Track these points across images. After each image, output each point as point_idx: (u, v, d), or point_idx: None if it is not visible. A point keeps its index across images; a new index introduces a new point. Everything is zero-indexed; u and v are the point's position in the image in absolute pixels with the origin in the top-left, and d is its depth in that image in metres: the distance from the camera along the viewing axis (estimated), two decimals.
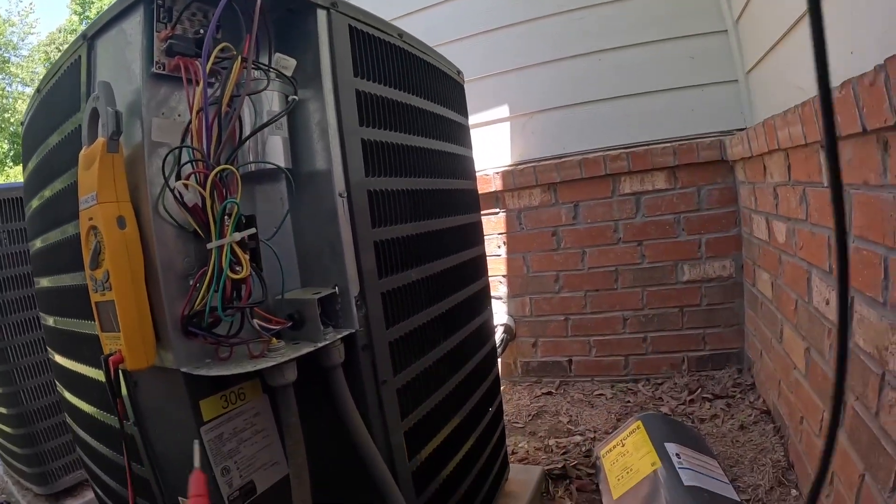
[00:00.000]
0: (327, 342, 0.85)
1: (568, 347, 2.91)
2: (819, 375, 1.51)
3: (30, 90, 18.74)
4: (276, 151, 0.90)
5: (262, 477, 0.93)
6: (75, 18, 20.04)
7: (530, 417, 2.53)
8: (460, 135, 1.52)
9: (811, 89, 1.51)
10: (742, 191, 2.48)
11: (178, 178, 0.76)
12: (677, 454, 1.67)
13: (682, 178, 2.63)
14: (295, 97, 0.88)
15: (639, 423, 1.92)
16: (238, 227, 0.77)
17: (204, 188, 0.74)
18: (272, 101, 0.89)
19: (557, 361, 2.92)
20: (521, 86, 2.98)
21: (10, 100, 18.19)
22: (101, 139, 0.80)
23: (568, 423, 2.40)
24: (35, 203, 1.27)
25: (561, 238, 2.85)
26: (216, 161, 0.75)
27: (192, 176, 0.75)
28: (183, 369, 0.80)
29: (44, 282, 1.31)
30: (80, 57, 0.97)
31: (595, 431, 2.26)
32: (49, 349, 1.41)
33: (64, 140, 1.04)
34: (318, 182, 0.94)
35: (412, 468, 1.04)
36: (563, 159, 2.81)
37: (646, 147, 2.67)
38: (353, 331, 0.91)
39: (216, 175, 0.74)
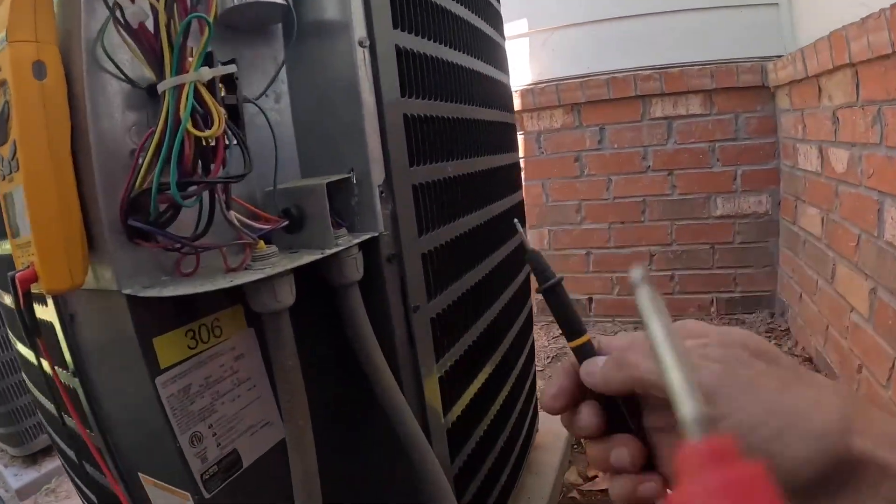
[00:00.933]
0: (340, 248, 0.58)
1: (589, 285, 2.69)
2: (890, 317, 1.38)
3: None
4: None
5: (250, 444, 0.66)
6: None
7: (549, 360, 2.34)
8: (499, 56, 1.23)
9: (876, 2, 1.37)
10: (784, 119, 2.26)
11: None
12: None
13: (718, 104, 2.39)
14: None
15: None
16: (208, 63, 0.48)
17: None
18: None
19: (576, 300, 2.69)
20: None
21: None
22: None
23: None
24: None
25: (584, 164, 2.60)
26: None
27: None
28: (125, 291, 0.53)
29: None
30: None
31: None
32: None
33: None
34: (329, 31, 0.65)
35: (447, 425, 0.79)
36: (587, 78, 2.53)
37: (680, 68, 2.41)
38: (377, 234, 0.64)
39: None
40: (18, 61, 0.52)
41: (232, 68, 0.50)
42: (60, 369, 0.73)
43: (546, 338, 2.56)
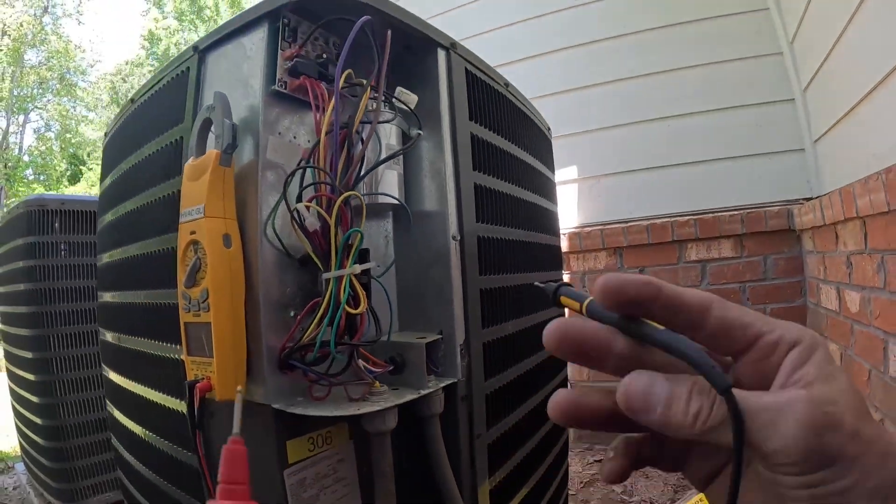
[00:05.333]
0: (430, 390, 0.79)
1: None
2: None
3: (93, 115, 19.42)
4: (391, 186, 0.86)
5: None
6: (142, 53, 20.86)
7: (582, 485, 2.43)
8: (550, 190, 1.48)
9: (889, 157, 1.52)
10: (809, 260, 2.42)
11: (299, 200, 0.71)
12: None
13: (748, 247, 2.58)
14: (420, 132, 0.83)
15: (702, 495, 1.82)
16: (357, 260, 0.72)
17: (329, 213, 0.69)
18: (390, 134, 0.85)
19: None
20: (590, 148, 2.95)
21: (73, 122, 18.80)
22: (213, 151, 0.76)
23: (622, 493, 2.28)
24: (110, 217, 1.24)
25: None
26: (343, 187, 0.71)
27: (315, 200, 0.70)
28: (275, 405, 0.74)
29: (107, 296, 1.27)
30: (188, 69, 0.95)
31: (651, 503, 2.15)
32: (104, 365, 1.37)
33: (158, 152, 1.01)
34: (429, 222, 0.89)
35: None
36: (629, 224, 2.76)
37: (713, 214, 2.62)
38: (456, 380, 0.85)
39: (343, 201, 0.69)
40: (213, 233, 0.76)
41: (371, 265, 0.74)
42: (183, 449, 0.94)
43: (581, 464, 2.66)
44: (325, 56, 0.83)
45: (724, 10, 2.74)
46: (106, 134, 1.40)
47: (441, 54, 0.92)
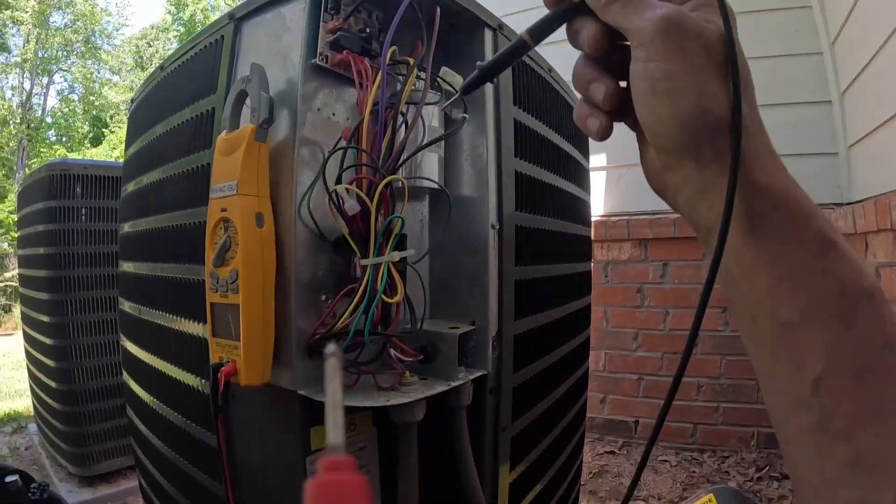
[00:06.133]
0: (460, 382, 0.77)
1: (637, 408, 2.80)
2: None
3: (117, 78, 19.46)
4: (432, 170, 0.83)
5: None
6: (168, 18, 20.81)
7: (591, 475, 2.43)
8: (585, 179, 1.45)
9: None
10: None
11: (338, 181, 0.69)
12: None
13: None
14: (465, 115, 0.80)
15: (711, 496, 1.79)
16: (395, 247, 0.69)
17: (370, 197, 0.66)
18: (432, 116, 0.82)
19: (623, 421, 2.81)
20: (622, 136, 2.88)
21: (97, 84, 18.85)
22: (249, 125, 0.73)
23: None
24: (133, 186, 1.22)
25: (645, 296, 2.77)
26: (387, 170, 0.68)
27: (356, 182, 0.68)
28: (301, 392, 0.72)
29: (128, 266, 1.25)
30: (222, 37, 0.92)
31: (659, 499, 2.14)
32: (121, 334, 1.36)
33: (189, 121, 0.98)
34: (467, 209, 0.87)
35: None
36: (656, 216, 2.72)
37: None
38: (486, 372, 0.83)
39: (386, 185, 0.66)
40: (246, 211, 0.73)
41: (411, 252, 0.71)
42: (198, 427, 0.93)
43: (591, 454, 2.66)
44: (367, 30, 0.79)
45: (764, 5, 2.67)
46: (132, 100, 1.38)
47: (488, 35, 0.88)
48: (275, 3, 0.82)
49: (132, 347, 1.23)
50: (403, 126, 0.71)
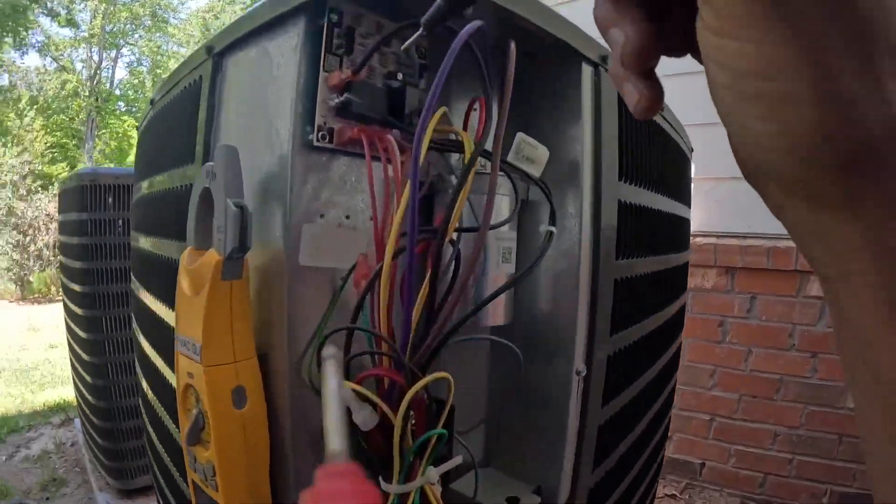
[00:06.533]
0: None
1: (705, 450, 2.49)
2: None
3: (185, 50, 19.62)
4: (497, 311, 0.54)
5: None
6: None
7: None
8: (685, 236, 1.25)
9: None
10: None
11: (348, 378, 0.41)
12: None
13: None
14: (552, 230, 0.50)
15: None
16: (436, 461, 0.41)
17: (394, 410, 0.38)
18: (500, 206, 0.53)
19: (689, 462, 2.51)
20: (713, 141, 2.52)
21: (165, 57, 19.05)
22: (214, 255, 0.47)
23: None
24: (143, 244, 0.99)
25: (727, 330, 2.42)
26: (421, 358, 0.39)
27: (367, 380, 0.40)
28: None
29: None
30: (200, 78, 0.66)
31: None
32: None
33: (171, 191, 0.74)
34: (541, 347, 0.58)
35: None
36: (746, 241, 2.37)
37: None
38: None
39: (416, 393, 0.38)
40: (217, 389, 0.47)
41: (458, 460, 0.43)
42: None
43: None
44: (399, 76, 0.51)
45: None
46: (137, 128, 1.16)
47: (587, 72, 0.57)
48: (258, 33, 0.55)
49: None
50: (453, 264, 0.42)
